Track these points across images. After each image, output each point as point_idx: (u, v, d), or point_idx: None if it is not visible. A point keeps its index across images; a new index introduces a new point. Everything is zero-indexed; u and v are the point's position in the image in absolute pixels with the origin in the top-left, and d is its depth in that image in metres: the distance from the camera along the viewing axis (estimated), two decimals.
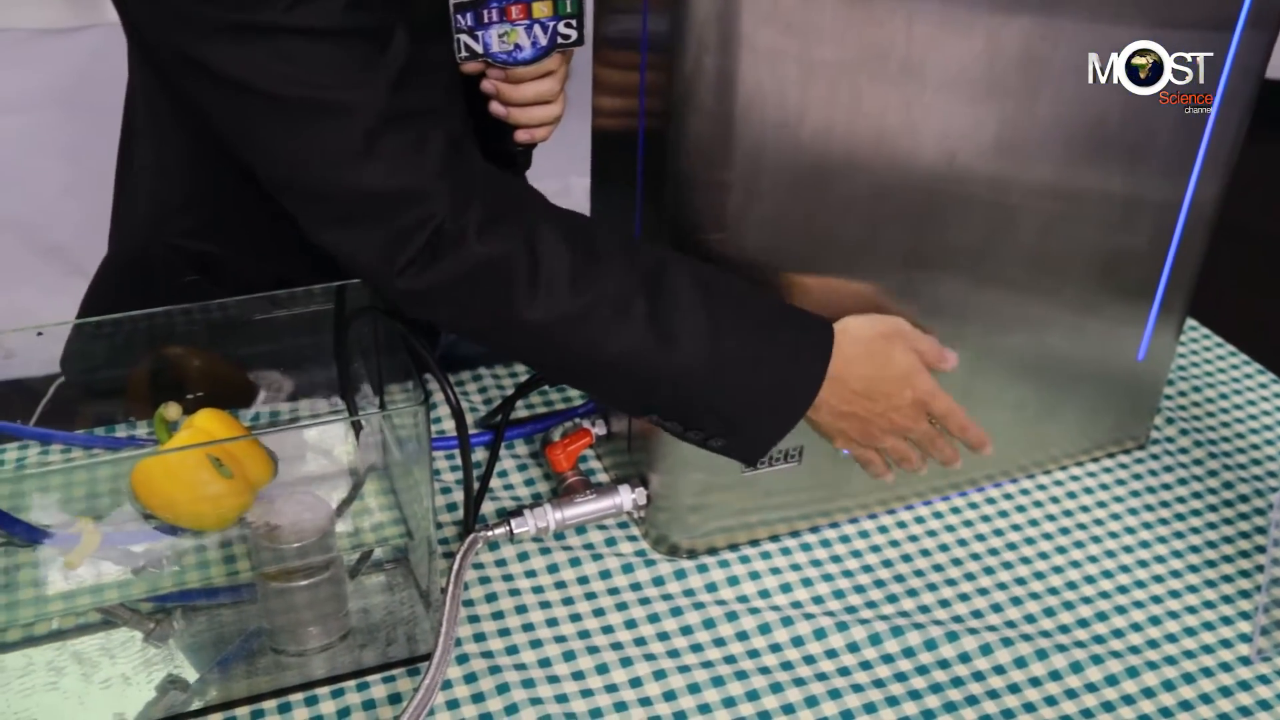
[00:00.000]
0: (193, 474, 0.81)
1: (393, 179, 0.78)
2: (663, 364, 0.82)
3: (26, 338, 0.88)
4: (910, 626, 0.92)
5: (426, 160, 0.79)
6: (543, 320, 0.80)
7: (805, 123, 0.81)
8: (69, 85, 1.18)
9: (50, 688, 0.84)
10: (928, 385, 0.90)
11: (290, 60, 0.76)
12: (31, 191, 2.25)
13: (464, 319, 0.83)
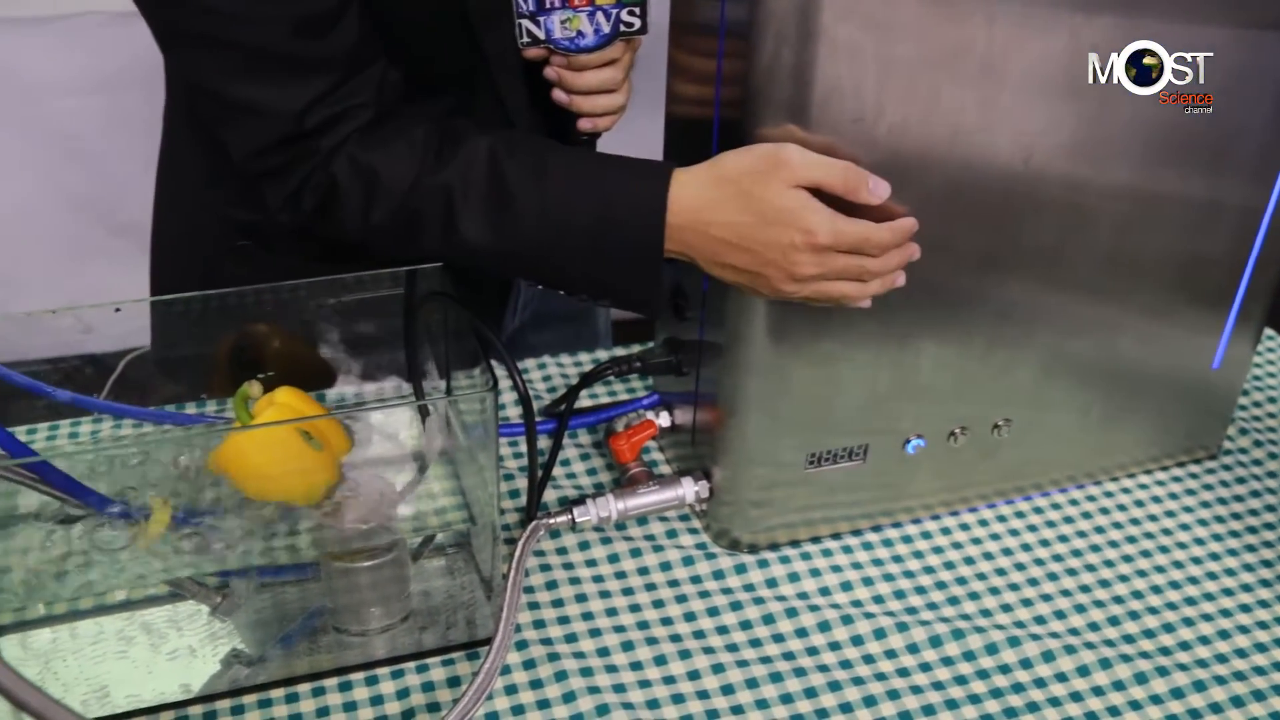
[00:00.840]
0: (286, 447, 0.82)
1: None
2: (505, 235, 0.87)
3: (105, 314, 0.89)
4: (971, 630, 0.91)
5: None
6: (382, 223, 0.89)
7: (881, 119, 0.81)
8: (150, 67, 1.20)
9: (120, 656, 0.86)
10: (816, 224, 0.81)
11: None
12: (109, 170, 2.29)
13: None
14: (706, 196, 0.83)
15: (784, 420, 0.92)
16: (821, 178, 0.80)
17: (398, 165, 0.88)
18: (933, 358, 0.93)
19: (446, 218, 0.88)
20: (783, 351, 0.89)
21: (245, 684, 0.86)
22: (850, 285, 0.84)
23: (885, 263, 0.84)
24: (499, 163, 0.87)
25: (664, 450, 1.07)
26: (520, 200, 0.86)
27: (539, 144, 0.90)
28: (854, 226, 0.82)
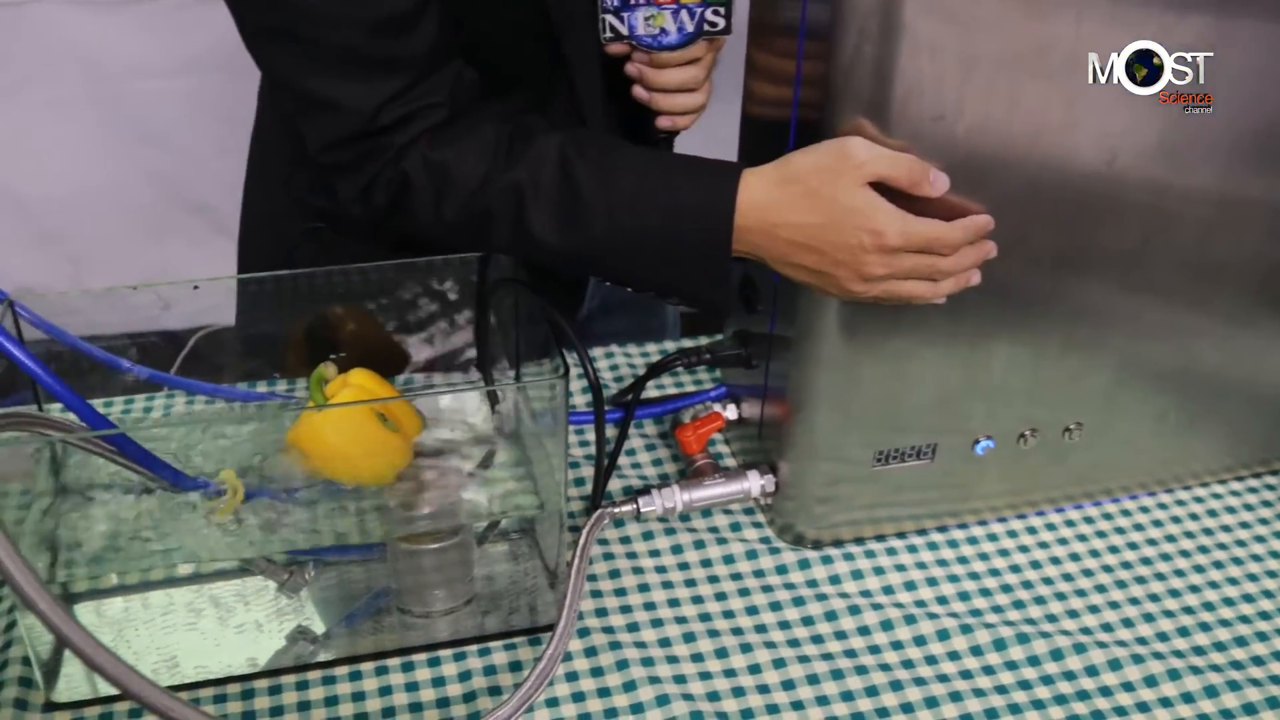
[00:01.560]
0: (360, 428, 0.83)
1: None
2: (574, 234, 0.87)
3: (183, 291, 0.91)
4: (1037, 635, 0.90)
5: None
6: (452, 220, 0.90)
7: (962, 117, 0.80)
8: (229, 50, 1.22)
9: (189, 627, 0.87)
10: (885, 224, 0.80)
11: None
12: (187, 151, 2.32)
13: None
14: (774, 197, 0.83)
15: (853, 417, 0.92)
16: (887, 171, 0.80)
17: (469, 163, 0.89)
18: (1005, 358, 0.92)
19: (516, 215, 0.88)
20: (854, 347, 0.88)
21: (309, 660, 0.87)
22: (921, 285, 0.84)
23: (957, 261, 0.83)
24: (569, 161, 0.87)
25: (730, 443, 1.07)
26: (589, 199, 0.87)
27: (608, 143, 0.90)
28: (923, 227, 0.81)
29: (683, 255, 0.87)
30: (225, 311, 0.96)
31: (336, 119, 0.89)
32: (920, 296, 0.84)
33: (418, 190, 0.90)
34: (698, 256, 0.86)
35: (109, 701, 0.83)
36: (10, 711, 0.81)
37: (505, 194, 0.88)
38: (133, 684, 0.65)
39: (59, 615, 0.64)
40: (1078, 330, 0.92)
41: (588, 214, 0.86)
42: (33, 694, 0.83)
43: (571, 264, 0.92)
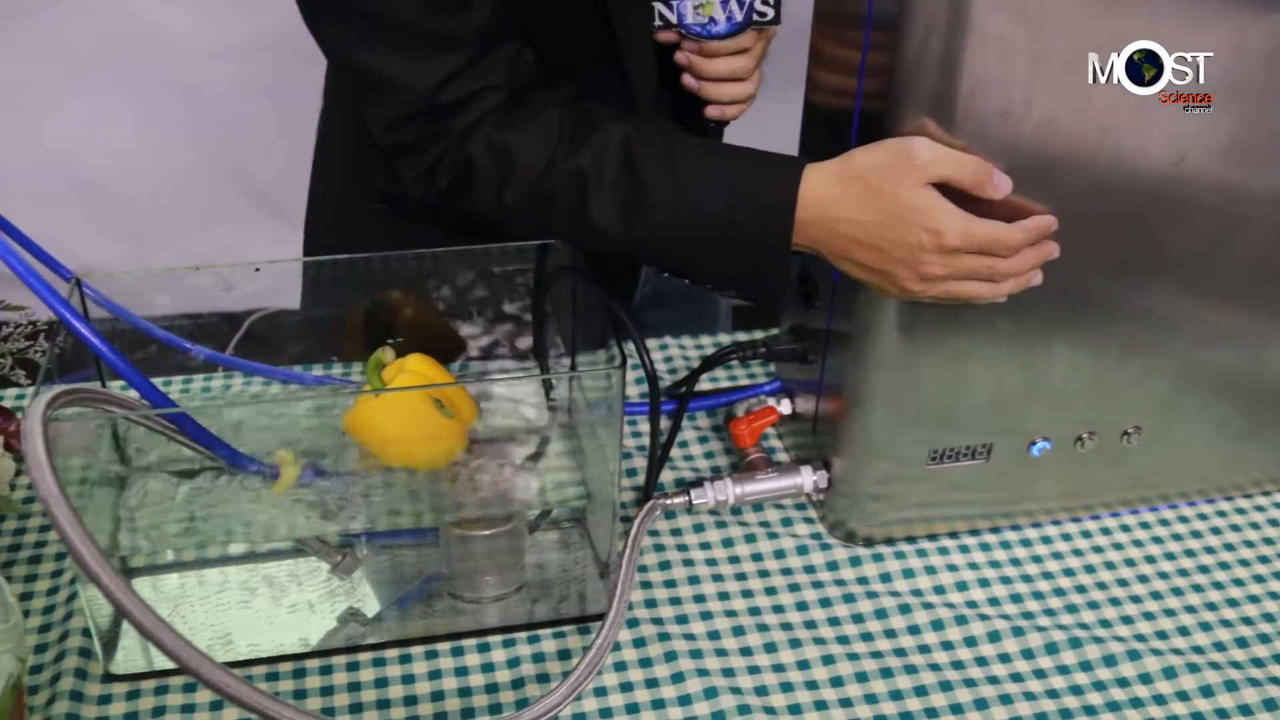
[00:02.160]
0: (416, 413, 0.84)
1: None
2: (635, 223, 0.87)
3: (244, 273, 0.92)
4: (1090, 640, 0.89)
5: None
6: (514, 204, 0.90)
7: (1029, 114, 0.79)
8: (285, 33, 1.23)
9: (243, 606, 0.88)
10: (945, 224, 0.79)
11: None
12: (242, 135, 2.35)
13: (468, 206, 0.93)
14: (835, 193, 0.83)
15: (909, 415, 0.91)
16: (950, 173, 0.79)
17: (533, 148, 0.89)
18: (1065, 360, 0.91)
19: (578, 202, 0.88)
20: (912, 345, 0.88)
21: (359, 641, 0.88)
22: (981, 285, 0.83)
23: (1018, 263, 0.82)
24: (632, 150, 0.87)
25: (783, 437, 1.07)
26: (651, 189, 0.87)
27: (672, 133, 0.90)
28: (984, 228, 0.80)
29: (742, 247, 0.86)
30: (284, 294, 0.97)
31: (395, 98, 0.90)
32: (980, 297, 0.83)
33: (481, 174, 0.90)
34: (757, 249, 0.86)
35: (164, 675, 0.84)
36: (71, 680, 0.82)
37: (568, 181, 0.88)
38: (190, 659, 0.66)
39: (120, 588, 0.65)
40: (1140, 333, 0.91)
41: (649, 203, 0.86)
42: (92, 664, 0.84)
43: (631, 252, 0.92)
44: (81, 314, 0.80)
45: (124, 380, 0.79)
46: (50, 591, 0.90)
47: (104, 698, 0.82)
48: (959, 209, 0.80)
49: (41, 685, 0.83)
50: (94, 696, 0.82)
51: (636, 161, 0.87)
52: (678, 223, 0.87)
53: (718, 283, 0.92)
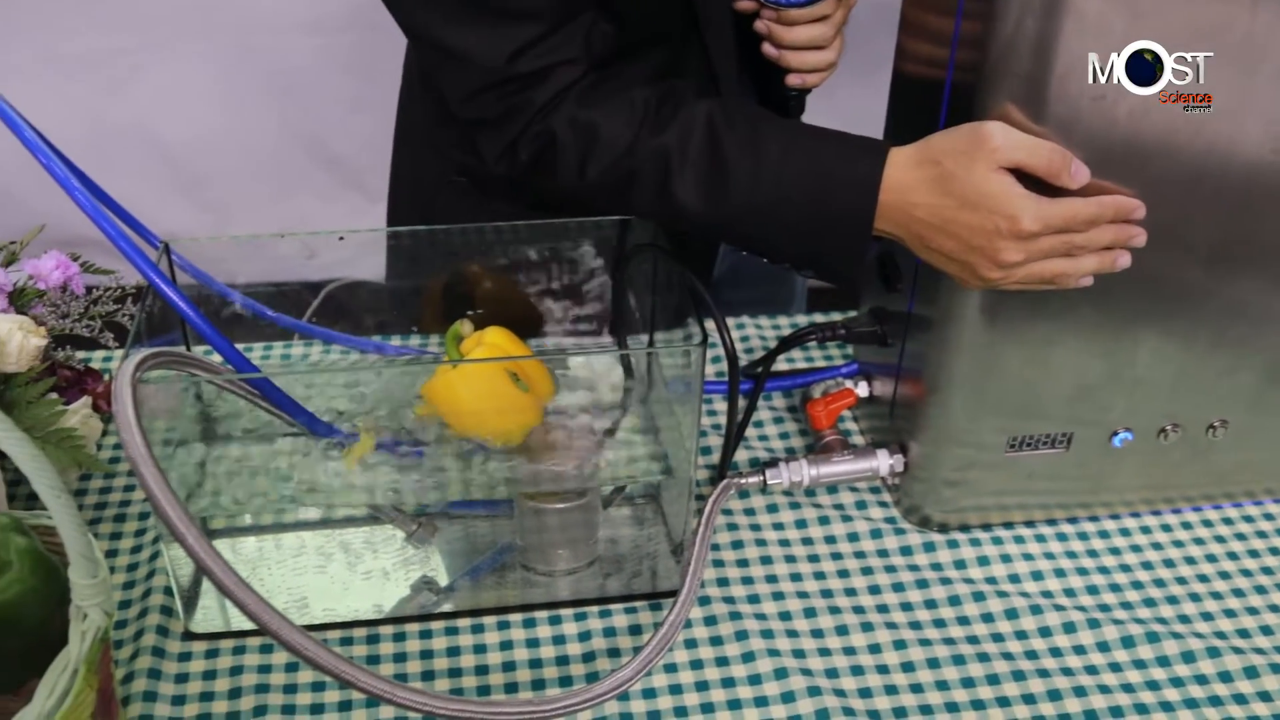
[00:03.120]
0: (493, 386, 0.84)
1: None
2: (717, 202, 0.87)
3: (328, 242, 0.92)
4: (1168, 634, 0.88)
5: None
6: (597, 180, 0.90)
7: (1123, 98, 0.77)
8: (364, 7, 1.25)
9: (319, 571, 0.90)
10: (1021, 209, 0.78)
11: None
12: (322, 107, 2.37)
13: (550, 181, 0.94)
14: (912, 176, 0.82)
15: (989, 401, 0.90)
16: (1025, 159, 0.78)
17: (617, 124, 0.89)
18: (1151, 350, 0.89)
19: (661, 180, 0.88)
20: (995, 331, 0.87)
21: (432, 610, 0.89)
22: (1062, 263, 0.81)
23: (1094, 238, 0.81)
24: (716, 129, 0.87)
25: (859, 420, 1.06)
26: (734, 168, 0.86)
27: (756, 113, 0.89)
28: (1059, 208, 0.79)
29: (823, 228, 0.86)
30: (364, 264, 0.98)
31: (471, 70, 0.90)
32: (1063, 277, 0.82)
33: (564, 149, 0.90)
34: (839, 231, 0.85)
35: (241, 635, 0.85)
36: (153, 637, 0.84)
37: (652, 158, 0.88)
38: (270, 620, 0.67)
39: (204, 548, 0.66)
40: (1230, 325, 0.89)
41: (732, 182, 0.86)
42: (173, 622, 0.86)
43: (712, 231, 0.92)
44: (170, 279, 0.81)
45: (209, 345, 0.80)
46: (134, 550, 0.92)
47: (184, 655, 0.84)
48: (1031, 193, 0.79)
49: (125, 640, 0.85)
50: (174, 653, 0.84)
51: (720, 140, 0.87)
52: (760, 202, 0.86)
53: (796, 262, 0.91)
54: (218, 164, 2.43)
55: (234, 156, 2.41)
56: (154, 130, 2.36)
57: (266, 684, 0.82)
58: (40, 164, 0.77)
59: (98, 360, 1.10)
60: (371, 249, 0.98)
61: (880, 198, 0.83)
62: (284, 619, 0.67)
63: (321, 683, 0.82)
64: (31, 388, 0.90)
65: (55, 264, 0.96)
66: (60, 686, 0.62)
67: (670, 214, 0.89)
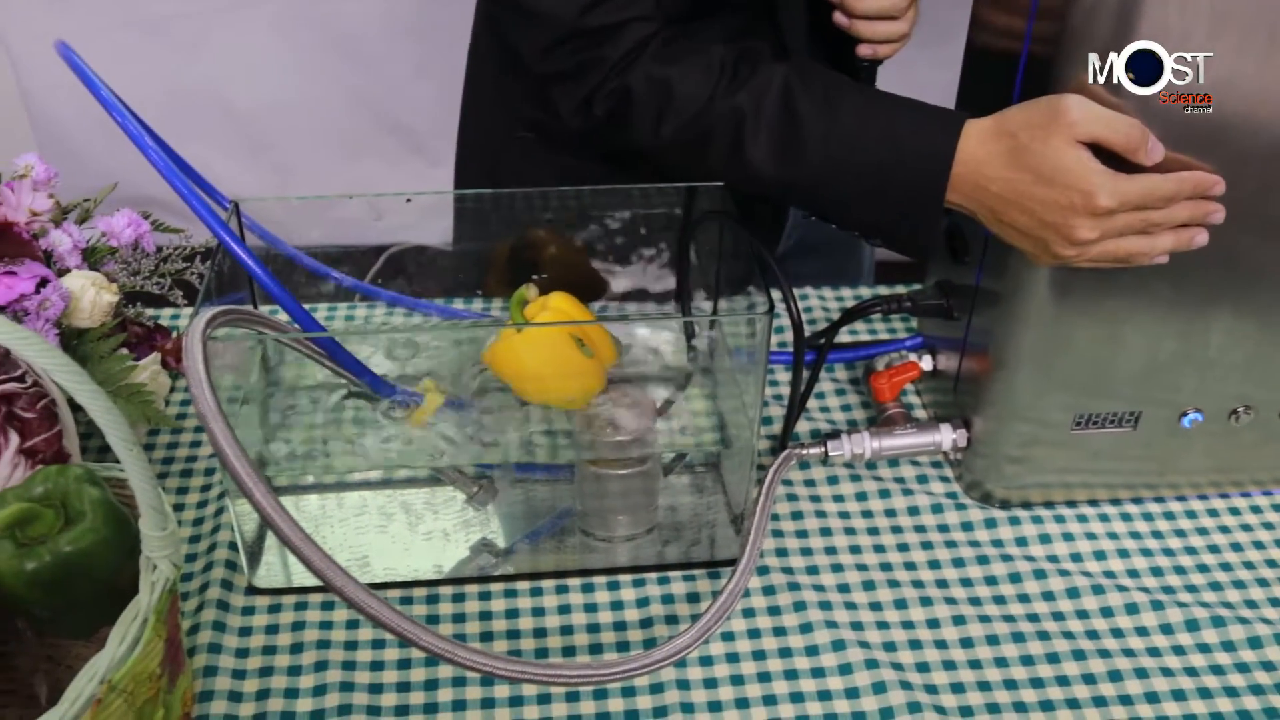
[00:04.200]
0: (557, 350, 0.84)
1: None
2: (790, 164, 0.88)
3: (395, 204, 0.93)
4: (1234, 619, 0.86)
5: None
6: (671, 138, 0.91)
7: (1207, 71, 0.75)
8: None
9: (380, 530, 0.90)
10: (1098, 185, 0.77)
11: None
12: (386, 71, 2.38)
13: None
14: (987, 149, 0.81)
15: (1056, 377, 0.89)
16: (1103, 133, 0.77)
17: (693, 82, 0.88)
18: (1226, 330, 0.87)
19: (735, 140, 0.88)
20: (1065, 306, 0.85)
21: (490, 572, 0.89)
22: (1138, 241, 0.80)
23: (1171, 215, 0.79)
24: (791, 92, 0.87)
25: (922, 394, 1.05)
26: (809, 132, 0.86)
27: (832, 78, 0.89)
28: (1136, 184, 0.77)
29: (896, 197, 0.85)
30: (430, 228, 0.98)
31: (543, 25, 0.91)
32: (1137, 255, 0.80)
33: (639, 105, 0.91)
34: (911, 199, 0.85)
35: (303, 592, 0.86)
36: (217, 590, 0.85)
37: (726, 118, 0.88)
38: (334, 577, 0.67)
39: (271, 504, 0.67)
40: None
41: (806, 145, 0.86)
42: (237, 577, 0.87)
43: (784, 194, 0.91)
44: (239, 238, 0.82)
45: (277, 304, 0.81)
46: (199, 505, 0.94)
47: (247, 609, 0.85)
48: (1108, 169, 0.77)
49: (191, 594, 0.86)
50: (238, 607, 0.85)
51: (796, 102, 0.86)
52: (832, 164, 0.86)
53: (866, 230, 0.91)
54: (284, 128, 2.44)
55: (300, 120, 2.43)
56: (223, 94, 2.38)
57: (328, 640, 0.83)
58: (116, 122, 0.78)
59: (166, 318, 1.12)
60: (437, 212, 0.98)
61: (954, 170, 0.82)
62: (348, 575, 0.68)
63: (381, 640, 0.83)
64: (103, 343, 0.91)
65: (127, 221, 0.97)
66: (131, 635, 0.63)
67: (743, 175, 0.89)
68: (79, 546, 0.67)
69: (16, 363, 0.81)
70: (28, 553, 0.67)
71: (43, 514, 0.68)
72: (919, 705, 0.79)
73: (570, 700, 0.80)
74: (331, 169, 2.49)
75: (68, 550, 0.67)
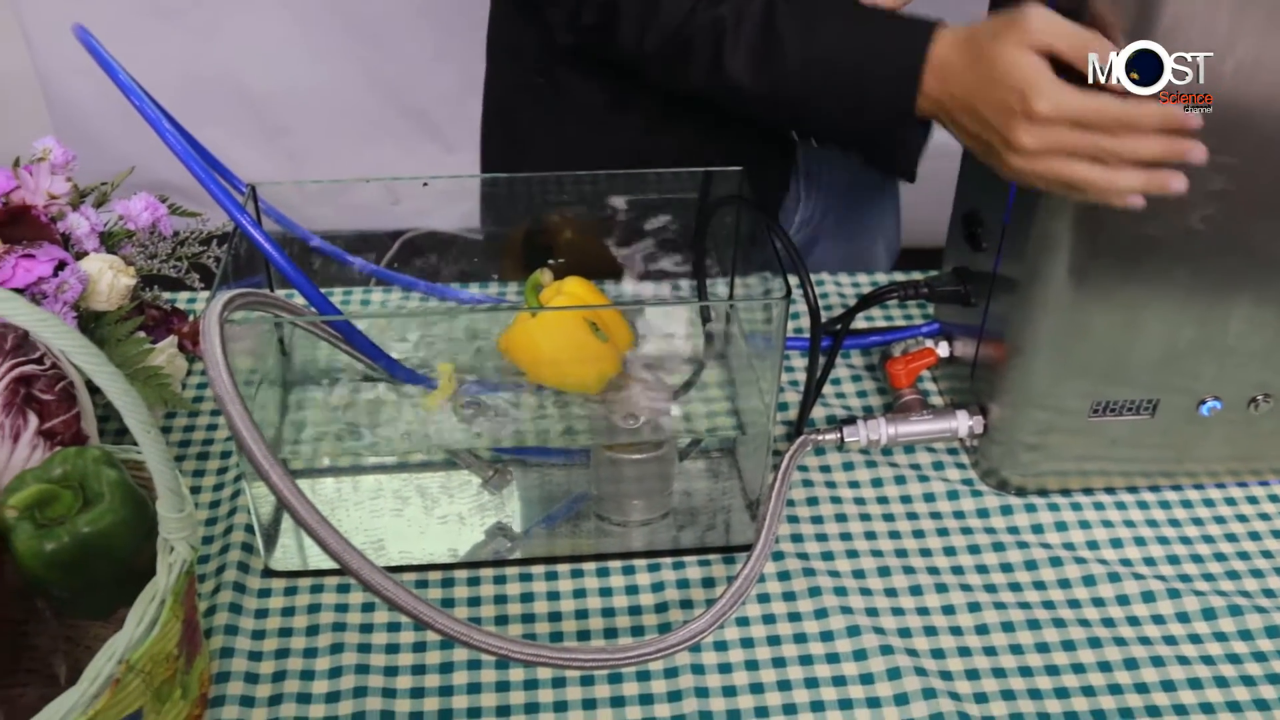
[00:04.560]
0: (571, 335, 0.84)
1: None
2: (768, 76, 0.90)
3: (411, 188, 0.93)
4: (1251, 609, 0.86)
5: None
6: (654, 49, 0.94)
7: (1231, 54, 0.75)
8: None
9: (396, 514, 0.91)
10: (1036, 87, 0.75)
11: None
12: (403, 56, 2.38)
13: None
14: (954, 54, 0.83)
15: (1073, 364, 0.88)
16: (1055, 42, 0.76)
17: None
18: (1246, 318, 0.87)
19: (715, 52, 0.91)
20: (1083, 293, 0.85)
21: (506, 556, 0.89)
22: (1091, 169, 0.77)
23: (1132, 146, 0.76)
24: (773, 4, 0.89)
25: (938, 381, 1.05)
26: (785, 37, 0.89)
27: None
28: (1081, 98, 0.76)
29: (871, 104, 0.88)
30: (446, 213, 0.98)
31: None
32: (1091, 183, 0.77)
33: (626, 16, 0.94)
34: (885, 105, 0.87)
35: (319, 575, 0.87)
36: (234, 572, 0.86)
37: (707, 29, 0.91)
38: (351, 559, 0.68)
39: (288, 486, 0.67)
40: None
41: (782, 51, 0.88)
42: (254, 559, 0.87)
43: (763, 107, 0.94)
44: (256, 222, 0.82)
45: (293, 287, 0.81)
46: (216, 488, 0.94)
47: (264, 591, 0.86)
48: (1056, 78, 0.76)
49: (207, 576, 0.86)
50: (254, 589, 0.86)
51: (775, 13, 0.89)
52: (809, 75, 0.89)
53: (845, 143, 0.94)
54: (300, 113, 2.45)
55: (316, 106, 2.43)
56: (239, 79, 2.38)
57: (343, 623, 0.83)
58: (133, 106, 0.78)
59: (183, 301, 1.12)
60: (453, 197, 0.98)
61: (924, 75, 0.84)
62: (364, 558, 0.68)
63: (397, 623, 0.83)
64: (120, 326, 0.91)
65: (144, 205, 0.97)
66: (149, 615, 0.63)
67: (722, 88, 0.92)
68: (97, 528, 0.67)
69: (35, 345, 0.82)
70: (47, 534, 0.67)
71: (61, 495, 0.68)
72: (934, 691, 0.79)
73: (585, 684, 0.80)
74: (347, 154, 2.50)
75: (86, 531, 0.67)
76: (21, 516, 0.68)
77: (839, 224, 1.03)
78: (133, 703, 0.64)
